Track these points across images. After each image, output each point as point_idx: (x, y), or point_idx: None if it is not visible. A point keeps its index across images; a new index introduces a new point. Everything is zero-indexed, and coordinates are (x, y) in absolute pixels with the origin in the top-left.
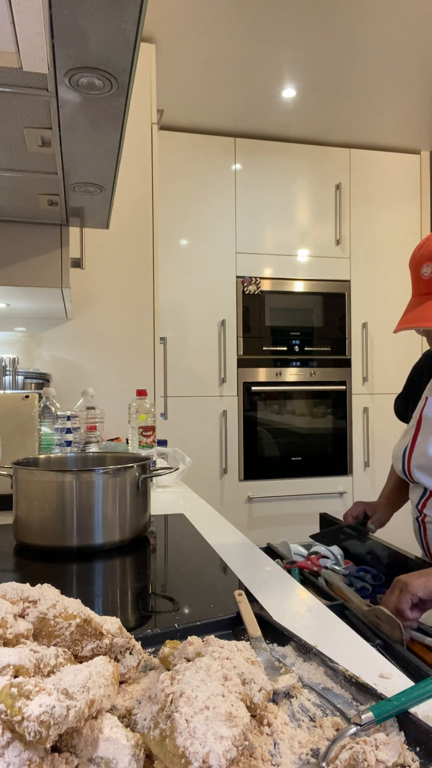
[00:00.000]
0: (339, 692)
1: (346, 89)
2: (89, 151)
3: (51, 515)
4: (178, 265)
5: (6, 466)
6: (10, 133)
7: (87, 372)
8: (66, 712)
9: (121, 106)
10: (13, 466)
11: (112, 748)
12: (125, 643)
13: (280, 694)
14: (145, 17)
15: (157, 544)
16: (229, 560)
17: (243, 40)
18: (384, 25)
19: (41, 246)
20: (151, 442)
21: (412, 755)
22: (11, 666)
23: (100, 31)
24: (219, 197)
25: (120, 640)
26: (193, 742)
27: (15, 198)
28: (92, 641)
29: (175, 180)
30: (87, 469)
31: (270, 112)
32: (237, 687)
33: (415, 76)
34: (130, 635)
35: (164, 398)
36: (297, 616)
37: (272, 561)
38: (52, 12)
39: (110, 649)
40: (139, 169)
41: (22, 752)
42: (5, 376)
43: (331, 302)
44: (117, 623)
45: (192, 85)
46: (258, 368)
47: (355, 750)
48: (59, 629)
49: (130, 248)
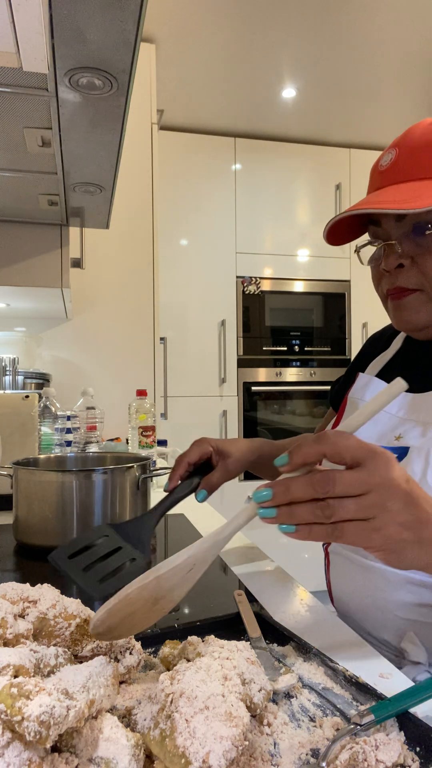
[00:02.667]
0: (339, 692)
1: (346, 89)
2: (89, 151)
3: (51, 515)
4: (178, 265)
5: (6, 466)
6: (10, 133)
7: (87, 372)
8: (66, 712)
9: (121, 106)
10: (13, 466)
11: (112, 748)
12: (125, 643)
13: (280, 694)
14: (145, 17)
15: (157, 544)
16: (229, 560)
17: (243, 40)
18: (384, 24)
19: (41, 246)
20: (151, 442)
21: (412, 755)
22: (11, 666)
23: (100, 31)
24: (219, 197)
25: (120, 640)
26: (193, 742)
27: (15, 198)
28: (92, 641)
29: (175, 180)
30: (87, 469)
31: (270, 112)
32: (237, 687)
33: (415, 76)
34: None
35: (164, 398)
36: (297, 616)
37: (272, 561)
38: (52, 12)
39: (110, 649)
40: (139, 169)
41: (22, 752)
42: (5, 376)
43: (331, 302)
44: None
45: (192, 85)
46: (258, 368)
47: (355, 750)
48: (59, 629)
49: (130, 248)
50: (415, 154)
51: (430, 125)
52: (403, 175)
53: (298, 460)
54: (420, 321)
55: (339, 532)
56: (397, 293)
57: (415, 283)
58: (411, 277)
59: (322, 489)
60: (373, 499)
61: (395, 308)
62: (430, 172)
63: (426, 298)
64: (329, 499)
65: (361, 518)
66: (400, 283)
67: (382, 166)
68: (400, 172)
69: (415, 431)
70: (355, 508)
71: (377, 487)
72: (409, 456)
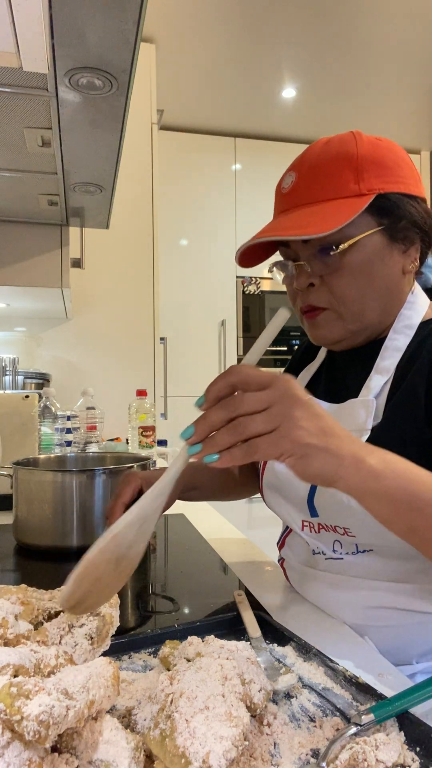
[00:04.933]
0: (339, 692)
1: (346, 89)
2: (89, 151)
3: (51, 515)
4: (178, 265)
5: (6, 466)
6: (10, 133)
7: (87, 372)
8: (65, 712)
9: (121, 106)
10: (13, 466)
11: (112, 750)
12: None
13: (280, 694)
14: (145, 17)
15: (157, 543)
16: (229, 560)
17: (243, 40)
18: (384, 25)
19: (41, 246)
20: (151, 442)
21: (412, 755)
22: (11, 665)
23: (100, 31)
24: (219, 197)
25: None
26: (193, 742)
27: (15, 198)
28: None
29: (175, 180)
30: (87, 469)
31: (270, 112)
32: (237, 687)
33: (415, 76)
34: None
35: (164, 398)
36: (297, 616)
37: (272, 561)
38: (52, 12)
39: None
40: (139, 169)
41: (22, 752)
42: (5, 376)
43: None
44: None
45: (192, 85)
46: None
47: (355, 750)
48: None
49: (130, 248)
50: (312, 177)
51: (324, 146)
52: (304, 198)
53: (211, 396)
54: (333, 337)
55: (253, 448)
56: (310, 311)
57: (325, 301)
58: (321, 295)
59: (233, 408)
60: (277, 410)
61: (310, 326)
62: (328, 193)
63: (335, 315)
64: (240, 417)
65: (270, 430)
66: (311, 301)
67: (284, 189)
68: (301, 196)
69: None
70: (262, 419)
71: (280, 398)
72: None
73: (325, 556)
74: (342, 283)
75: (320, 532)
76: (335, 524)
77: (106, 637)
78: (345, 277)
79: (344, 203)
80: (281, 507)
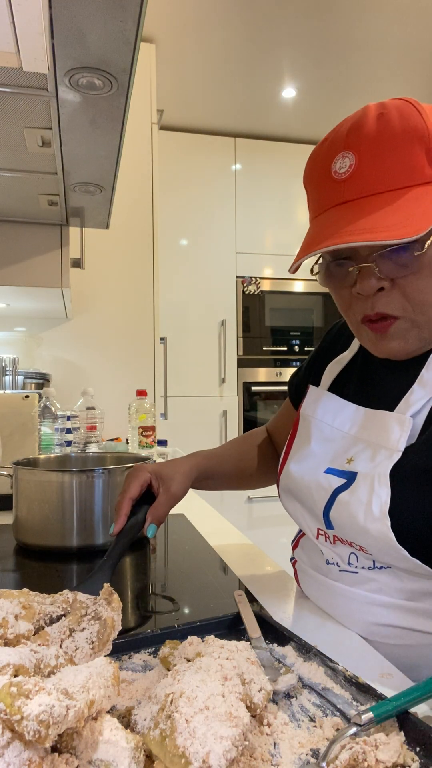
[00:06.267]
0: (339, 692)
1: (346, 89)
2: (89, 151)
3: (51, 515)
4: (178, 265)
5: (6, 466)
6: (10, 133)
7: (87, 372)
8: (65, 712)
9: (121, 106)
10: (13, 466)
11: (112, 750)
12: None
13: (280, 694)
14: (145, 17)
15: (157, 544)
16: (229, 560)
17: (243, 40)
18: (384, 24)
19: (41, 246)
20: (151, 442)
21: (412, 755)
22: (11, 665)
23: (100, 31)
24: (219, 197)
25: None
26: (193, 742)
27: (15, 198)
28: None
29: (175, 180)
30: (87, 469)
31: (270, 112)
32: (237, 687)
33: (415, 76)
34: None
35: (164, 398)
36: (297, 616)
37: (273, 561)
38: (52, 12)
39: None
40: (139, 169)
41: (22, 752)
42: (5, 376)
43: (331, 302)
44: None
45: (192, 85)
46: (258, 368)
47: (355, 750)
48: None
49: (130, 248)
50: (378, 160)
51: (380, 120)
52: (370, 186)
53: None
54: (408, 349)
55: None
56: (379, 320)
57: (399, 309)
58: (393, 301)
59: None
60: None
61: (378, 338)
62: (400, 179)
63: (410, 324)
64: None
65: None
66: (380, 309)
67: (339, 174)
68: (367, 184)
69: (365, 454)
70: None
71: None
72: (356, 482)
73: (339, 568)
74: (421, 287)
75: (336, 543)
76: (351, 540)
77: (107, 642)
78: (424, 279)
79: (423, 193)
80: (297, 512)
